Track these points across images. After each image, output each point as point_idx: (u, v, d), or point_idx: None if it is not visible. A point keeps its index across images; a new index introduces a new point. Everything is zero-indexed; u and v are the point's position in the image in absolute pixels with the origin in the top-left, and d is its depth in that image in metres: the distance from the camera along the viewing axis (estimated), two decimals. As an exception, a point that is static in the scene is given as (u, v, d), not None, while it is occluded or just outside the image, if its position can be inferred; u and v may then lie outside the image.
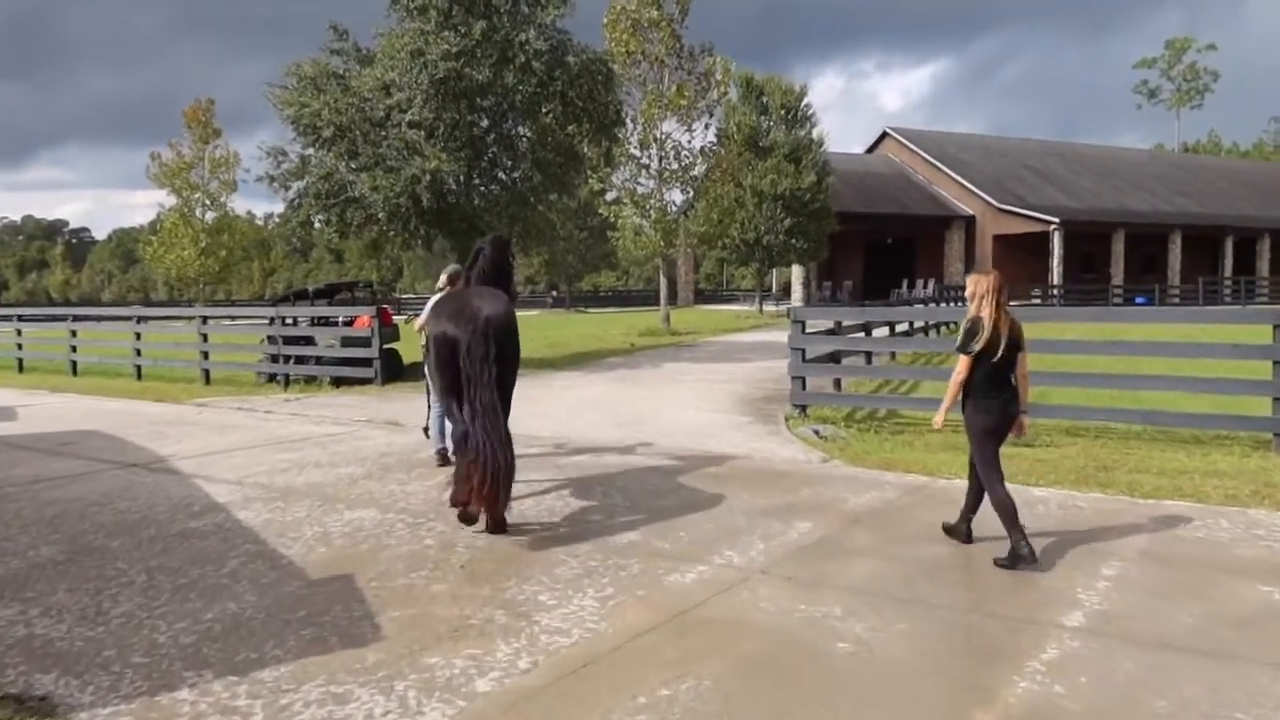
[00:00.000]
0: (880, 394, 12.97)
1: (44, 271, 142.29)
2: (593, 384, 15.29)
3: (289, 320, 17.45)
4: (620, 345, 24.25)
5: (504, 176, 17.88)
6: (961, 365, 5.41)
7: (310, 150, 17.10)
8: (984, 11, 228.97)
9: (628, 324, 32.55)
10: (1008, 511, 5.28)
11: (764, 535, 5.98)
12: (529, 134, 18.13)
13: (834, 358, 12.89)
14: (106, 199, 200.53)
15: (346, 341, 16.42)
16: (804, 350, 11.35)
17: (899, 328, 18.20)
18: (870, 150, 54.35)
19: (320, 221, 17.24)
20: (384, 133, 16.52)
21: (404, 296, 78.24)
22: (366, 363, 15.71)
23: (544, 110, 17.86)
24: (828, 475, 7.89)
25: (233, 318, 24.00)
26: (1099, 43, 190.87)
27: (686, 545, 5.79)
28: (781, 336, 27.15)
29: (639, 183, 27.64)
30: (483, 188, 17.70)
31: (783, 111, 36.40)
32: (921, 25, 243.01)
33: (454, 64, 15.78)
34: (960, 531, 5.74)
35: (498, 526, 6.09)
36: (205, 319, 18.01)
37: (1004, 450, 5.64)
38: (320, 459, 8.87)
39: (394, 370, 17.36)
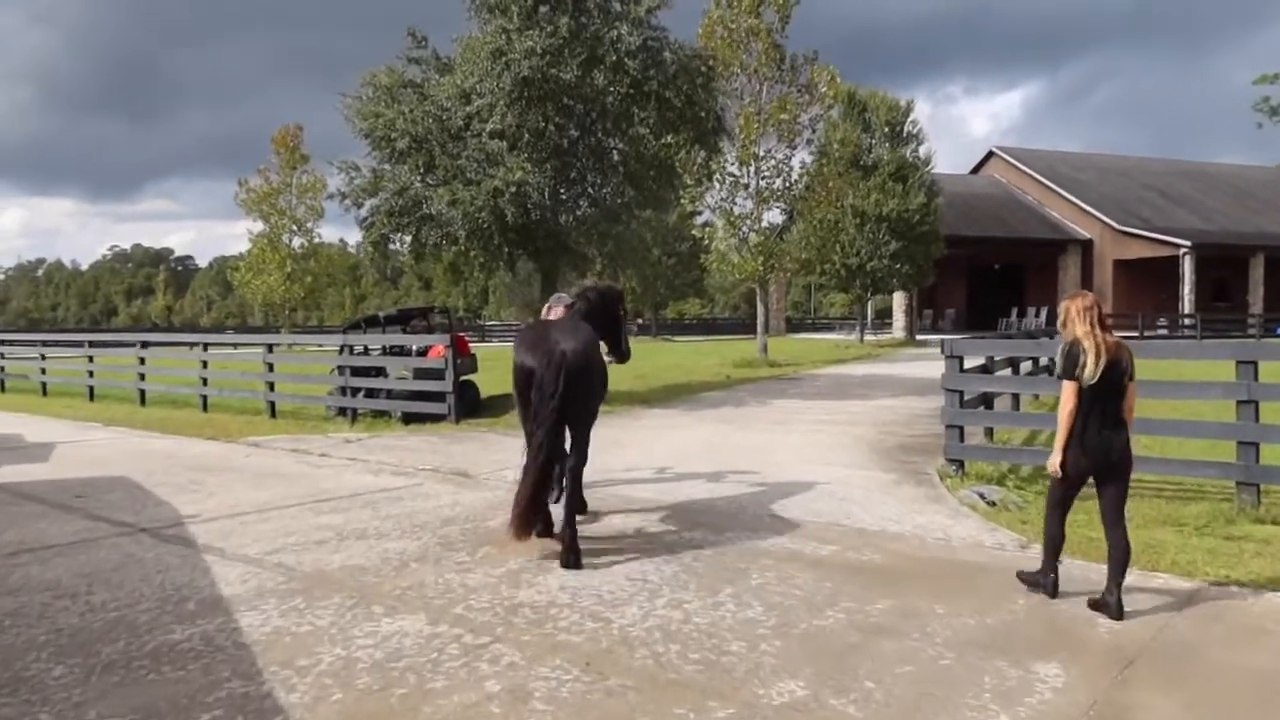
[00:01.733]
0: (1037, 445, 10.72)
1: (149, 298, 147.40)
2: (692, 425, 13.34)
3: (358, 349, 16.00)
4: (715, 378, 22.26)
5: (593, 191, 16.14)
6: (1068, 394, 4.86)
7: (385, 165, 15.64)
8: (1075, 33, 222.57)
9: (720, 354, 30.55)
10: (1052, 543, 5.13)
11: (998, 691, 3.92)
12: (620, 145, 16.38)
13: (987, 401, 10.72)
14: (210, 229, 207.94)
15: (419, 373, 14.84)
16: (962, 393, 9.20)
17: (1043, 362, 15.82)
18: (975, 171, 51.41)
19: (395, 241, 15.74)
20: (463, 144, 14.96)
21: (489, 324, 77.76)
22: (440, 397, 14.07)
23: (637, 116, 16.12)
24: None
25: (303, 345, 22.84)
26: (1197, 63, 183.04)
27: (883, 711, 3.77)
28: (893, 369, 25.01)
29: (735, 202, 25.68)
30: (570, 203, 15.99)
31: (887, 129, 34.09)
32: (1010, 48, 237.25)
33: (539, 62, 14.14)
34: (1046, 584, 5.17)
35: (525, 536, 6.04)
36: (271, 347, 16.65)
37: None
38: (368, 527, 7.09)
39: (471, 405, 15.75)
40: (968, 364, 9.68)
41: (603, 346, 7.01)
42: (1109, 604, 4.84)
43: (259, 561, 6.08)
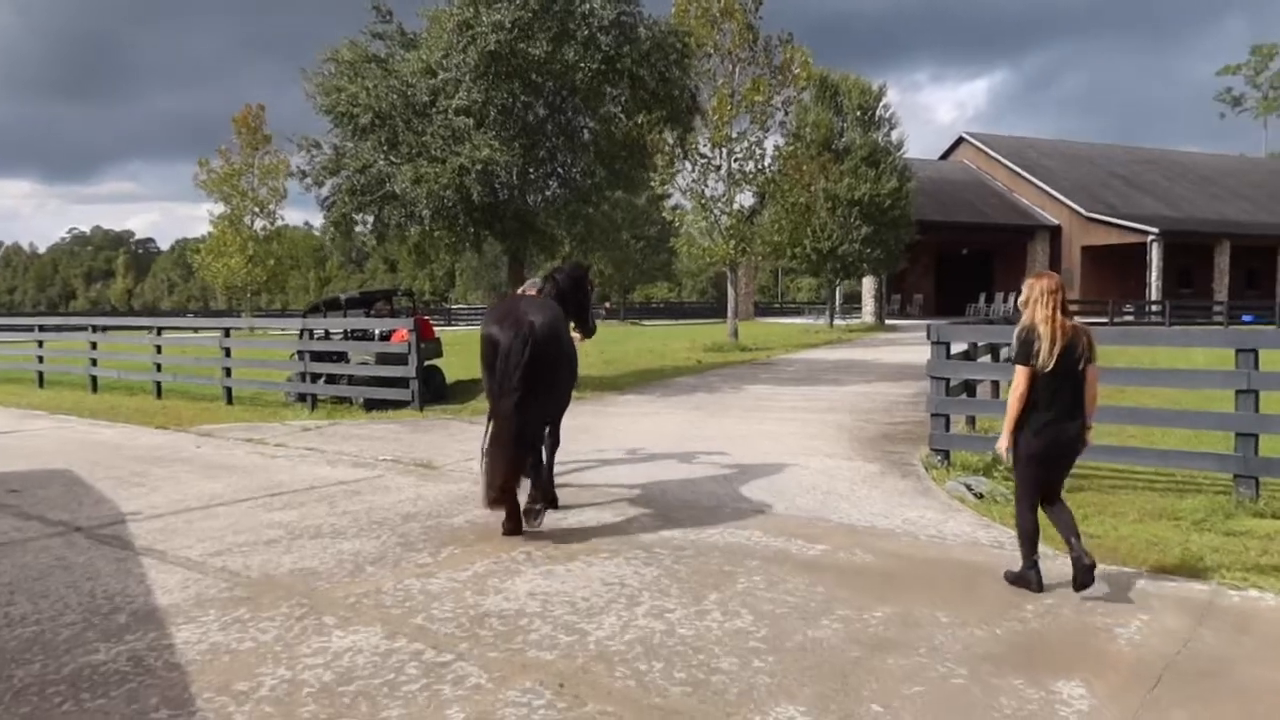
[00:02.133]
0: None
1: (109, 281, 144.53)
2: (664, 412, 12.93)
3: (318, 333, 15.40)
4: (687, 362, 21.89)
5: (563, 171, 15.62)
6: (1020, 379, 4.83)
7: (347, 143, 15.01)
8: (1039, 24, 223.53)
9: (690, 338, 30.16)
10: (1028, 536, 4.98)
11: (1019, 716, 3.53)
12: (591, 123, 15.86)
13: (969, 388, 10.38)
14: (173, 211, 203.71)
15: (381, 358, 14.29)
16: (948, 381, 8.85)
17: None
18: (944, 156, 51.33)
19: (357, 221, 15.12)
20: (428, 120, 14.36)
21: (456, 307, 76.86)
22: (403, 383, 13.54)
23: (609, 94, 15.61)
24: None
25: (264, 329, 22.12)
26: (1157, 54, 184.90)
27: (894, 740, 3.37)
28: (865, 354, 24.75)
29: (707, 185, 25.25)
30: (539, 183, 15.46)
31: (859, 113, 33.77)
32: (976, 37, 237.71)
33: (507, 36, 13.58)
34: (1029, 578, 5.03)
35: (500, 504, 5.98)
36: (228, 332, 16.00)
37: None
38: (323, 524, 6.60)
39: (437, 391, 15.25)
40: (953, 350, 9.32)
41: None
42: (1082, 561, 4.81)
43: (202, 565, 5.58)
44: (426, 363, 15.56)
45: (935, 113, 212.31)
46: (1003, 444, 5.03)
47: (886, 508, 6.99)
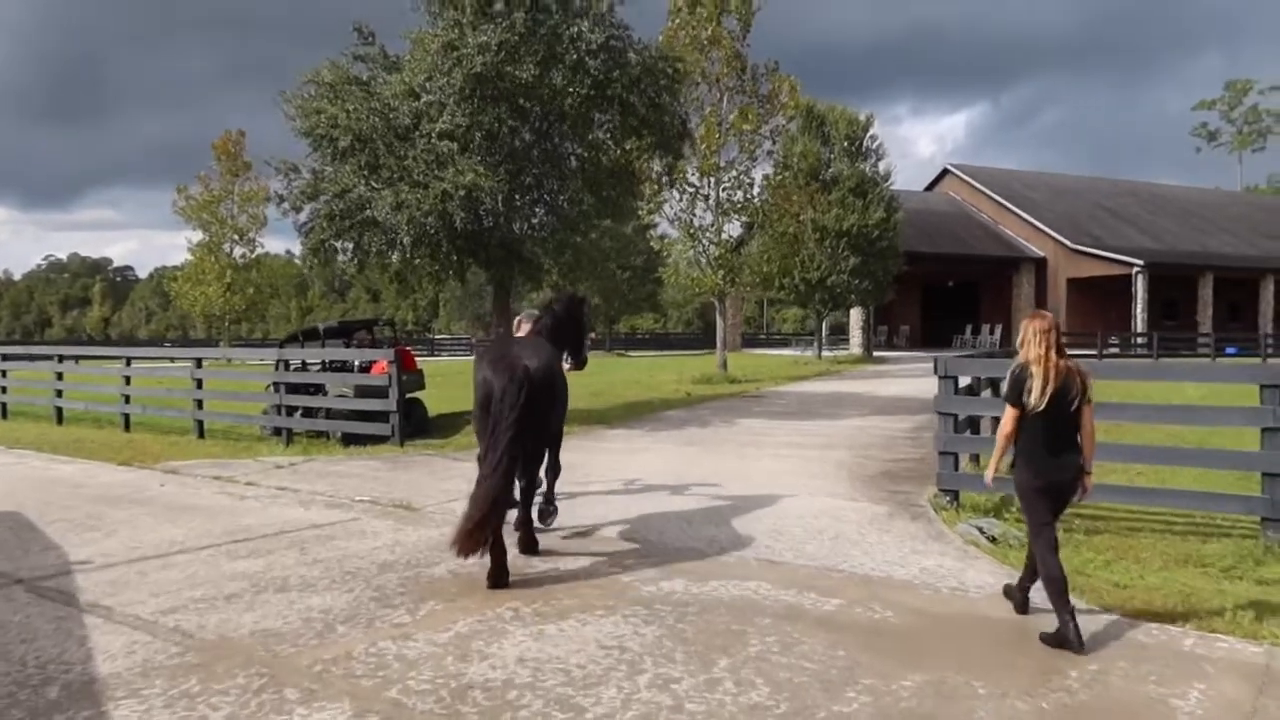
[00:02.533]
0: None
1: (85, 309, 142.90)
2: (656, 447, 12.43)
3: (294, 365, 14.86)
4: (676, 395, 21.41)
5: (550, 198, 15.20)
6: (1007, 418, 4.92)
7: (326, 166, 14.55)
8: (1017, 60, 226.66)
9: (677, 369, 29.71)
10: (1057, 587, 4.72)
11: (1089, 818, 3.05)
12: (579, 150, 15.48)
13: (973, 425, 9.97)
14: (153, 239, 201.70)
15: (361, 391, 13.76)
16: (956, 417, 8.41)
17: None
18: (930, 188, 51.40)
19: (335, 248, 14.61)
20: (410, 144, 13.93)
21: (439, 338, 76.25)
22: (383, 417, 13.01)
23: (598, 120, 15.25)
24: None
25: (241, 359, 21.50)
26: (1133, 89, 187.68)
27: None
28: (856, 387, 24.34)
29: (695, 214, 24.92)
30: (525, 210, 15.03)
31: (846, 143, 33.63)
32: (955, 72, 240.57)
33: (492, 59, 13.19)
34: (1016, 599, 5.24)
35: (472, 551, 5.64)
36: (200, 362, 15.42)
37: None
38: (291, 575, 6.05)
39: (418, 425, 14.73)
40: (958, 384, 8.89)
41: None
42: (1016, 598, 5.18)
43: (152, 625, 5.03)
44: (408, 395, 15.07)
45: (915, 146, 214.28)
46: (988, 475, 5.28)
47: (900, 555, 6.51)
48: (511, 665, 4.37)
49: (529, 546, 6.54)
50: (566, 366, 7.44)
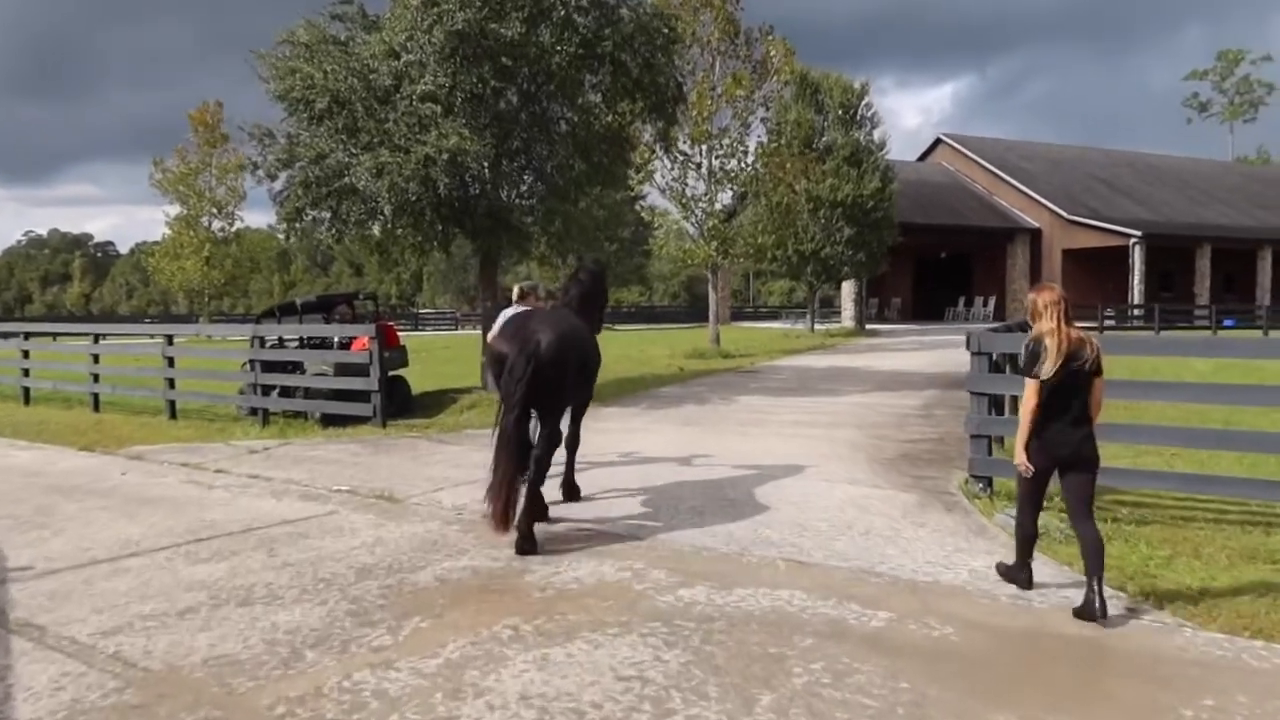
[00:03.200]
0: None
1: (66, 285, 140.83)
2: (654, 428, 11.72)
3: (271, 341, 14.05)
4: (669, 370, 20.70)
5: (538, 164, 14.35)
6: (1030, 392, 4.83)
7: (302, 130, 13.66)
8: (1003, 31, 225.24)
9: (668, 343, 28.99)
10: (1026, 540, 5.12)
11: None
12: (568, 113, 14.63)
13: (997, 405, 9.27)
14: (134, 214, 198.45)
15: (340, 369, 12.98)
16: (990, 397, 7.72)
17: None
18: (923, 158, 50.57)
19: (311, 218, 13.75)
20: (391, 107, 13.07)
21: (423, 311, 75.25)
22: (364, 396, 12.24)
23: (588, 82, 14.40)
24: (1168, 653, 4.25)
25: (222, 336, 20.60)
26: (1119, 61, 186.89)
27: None
28: (854, 361, 23.65)
29: (687, 183, 24.09)
30: (513, 176, 14.20)
31: (840, 111, 32.75)
32: (941, 44, 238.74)
33: (475, 15, 12.32)
34: (1020, 579, 5.16)
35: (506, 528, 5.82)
36: (171, 339, 14.59)
37: None
38: (256, 583, 5.32)
39: (401, 404, 13.98)
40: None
41: None
42: (1091, 604, 4.59)
43: (89, 651, 4.29)
44: (390, 373, 14.32)
45: (901, 118, 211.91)
46: (1020, 459, 4.98)
47: (943, 554, 5.83)
48: (514, 705, 3.66)
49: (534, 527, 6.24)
50: None
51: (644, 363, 21.98)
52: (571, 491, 7.38)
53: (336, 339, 14.07)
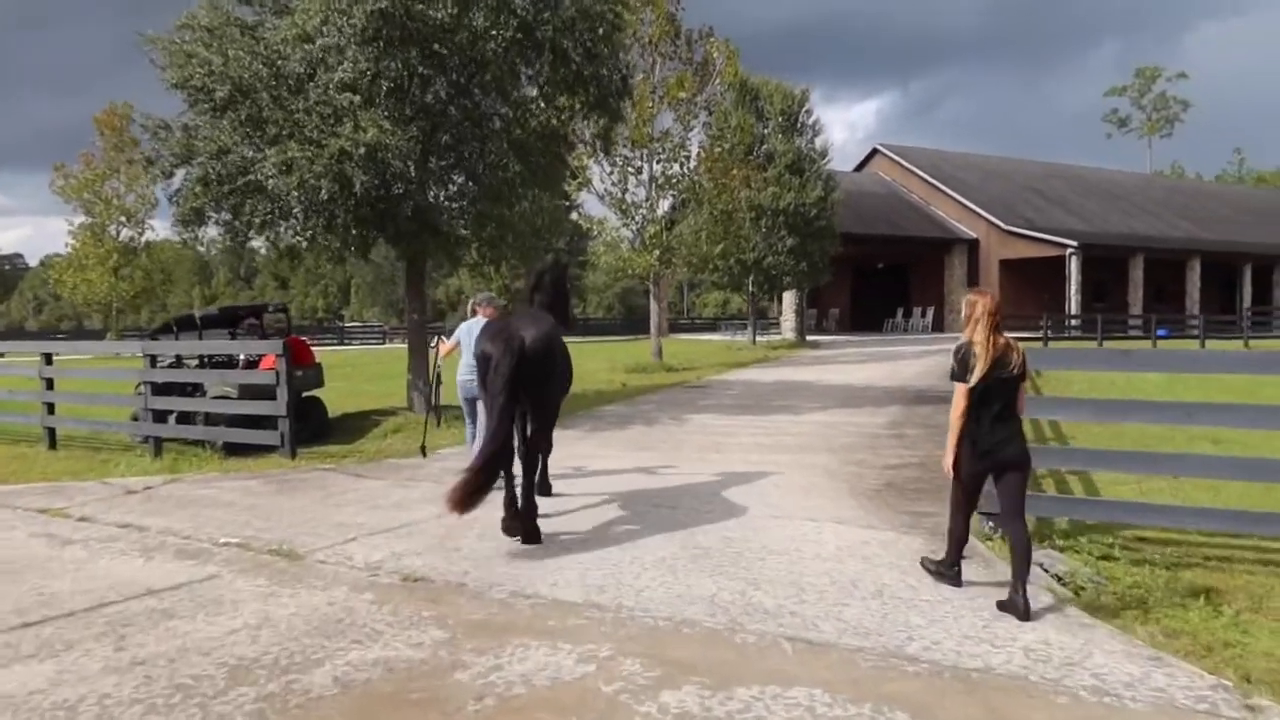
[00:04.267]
0: (1080, 492, 8.35)
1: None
2: (602, 454, 10.48)
3: (166, 361, 12.46)
4: (610, 386, 19.51)
5: (470, 162, 13.01)
6: (959, 396, 4.97)
7: (199, 121, 12.13)
8: (923, 50, 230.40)
9: (606, 357, 27.73)
10: (958, 542, 5.20)
11: None
12: (503, 108, 13.34)
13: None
14: (45, 225, 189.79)
15: (245, 391, 11.47)
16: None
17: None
18: (859, 168, 50.28)
19: (211, 218, 12.21)
20: (304, 96, 11.63)
21: (350, 325, 72.84)
22: (271, 422, 10.76)
23: (524, 74, 13.16)
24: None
25: (125, 355, 18.74)
26: (1036, 79, 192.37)
27: None
28: (803, 375, 22.63)
29: (627, 189, 22.93)
30: (441, 175, 12.85)
31: (781, 118, 31.97)
32: (865, 61, 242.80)
33: (399, -7, 10.99)
34: (1020, 606, 4.78)
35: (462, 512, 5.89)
36: (49, 358, 12.86)
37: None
38: (88, 693, 3.91)
39: (316, 428, 12.56)
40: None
41: None
42: (1016, 603, 4.77)
43: None
44: (304, 394, 12.86)
45: (828, 132, 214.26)
46: (947, 462, 5.11)
47: (979, 622, 4.69)
48: None
49: (514, 530, 6.43)
50: None
51: (582, 378, 20.62)
52: (529, 514, 6.90)
53: (242, 357, 12.56)
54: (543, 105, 13.76)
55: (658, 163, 22.84)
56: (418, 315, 14.11)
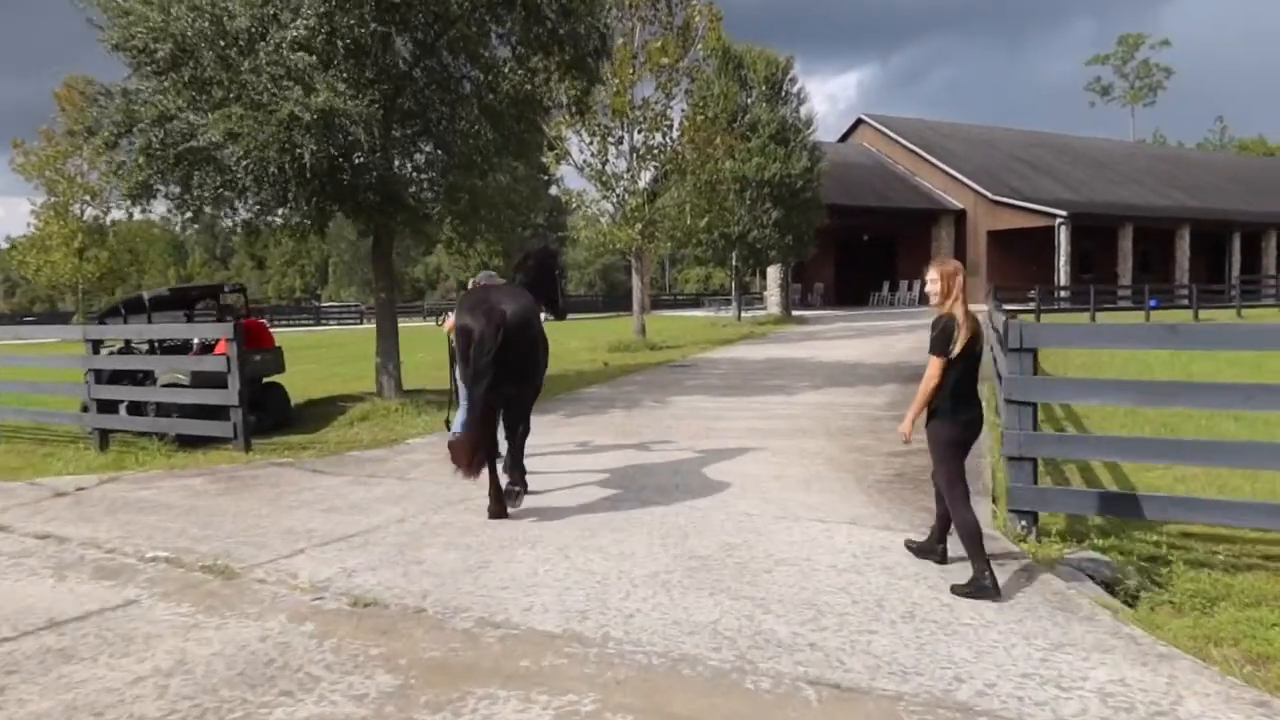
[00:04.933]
0: (1119, 484, 7.61)
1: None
2: (580, 442, 9.68)
3: (114, 345, 11.57)
4: (591, 365, 18.74)
5: (438, 129, 12.08)
6: (936, 370, 4.81)
7: (141, 85, 11.14)
8: (901, 23, 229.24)
9: (587, 335, 26.92)
10: (974, 537, 4.73)
11: None
12: (474, 71, 12.41)
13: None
14: (17, 206, 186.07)
15: (198, 378, 10.59)
16: (1035, 407, 5.86)
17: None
18: (844, 139, 49.36)
19: (160, 193, 11.25)
20: (254, 56, 10.65)
21: (325, 305, 71.64)
22: (225, 412, 9.89)
23: (496, 32, 12.23)
24: None
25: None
26: (1016, 50, 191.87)
27: None
28: (793, 352, 21.75)
29: (608, 160, 22.00)
30: (407, 144, 11.92)
31: (765, 87, 31.02)
32: (845, 34, 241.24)
33: (357, -58, 10.04)
34: (936, 551, 5.18)
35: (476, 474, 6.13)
36: (-14, 344, 11.93)
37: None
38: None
39: (279, 416, 11.75)
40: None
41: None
42: (985, 587, 4.62)
43: None
44: (266, 379, 12.03)
45: (809, 105, 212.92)
46: (906, 426, 4.98)
47: (1035, 654, 3.92)
48: None
49: (498, 513, 6.40)
50: (545, 319, 7.37)
51: (562, 357, 19.85)
52: (510, 496, 6.81)
53: (196, 341, 11.68)
54: (515, 67, 12.83)
55: (639, 132, 21.90)
56: (385, 294, 13.21)
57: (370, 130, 10.70)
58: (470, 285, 8.40)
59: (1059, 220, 37.61)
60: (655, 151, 22.41)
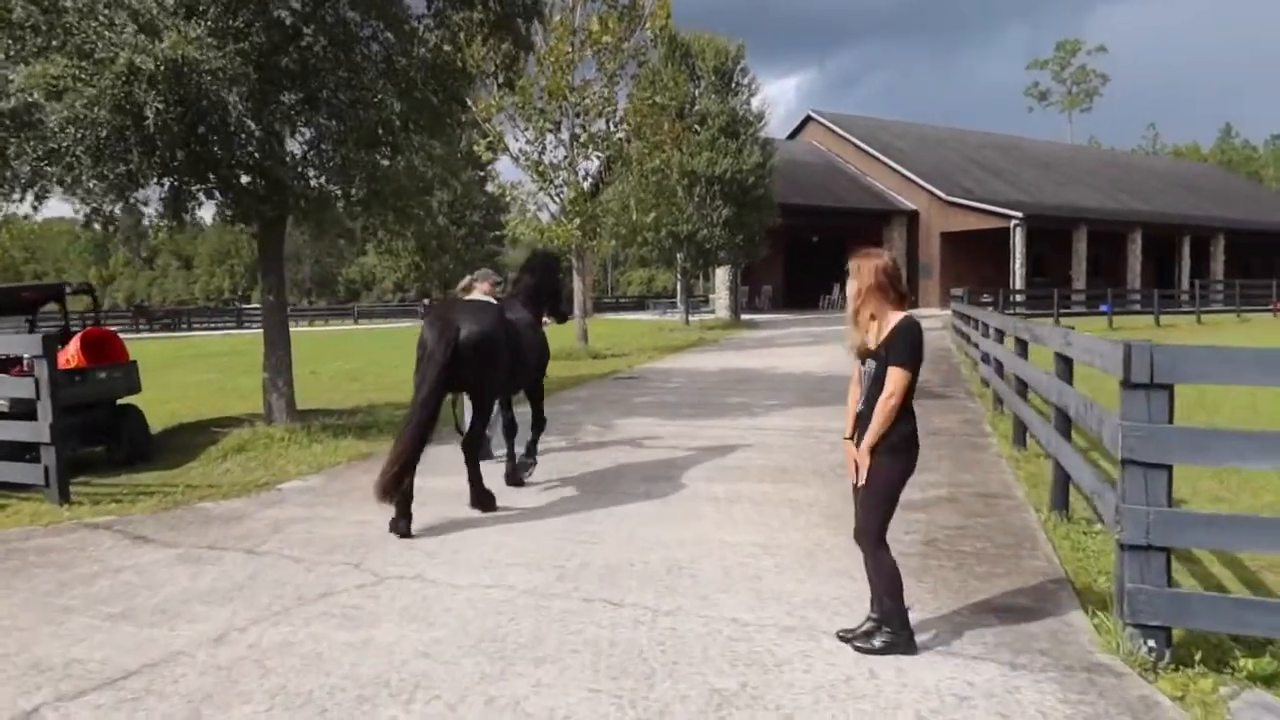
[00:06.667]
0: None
1: None
2: (507, 491, 7.56)
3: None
4: (527, 379, 16.49)
5: (335, 99, 9.86)
6: (905, 386, 3.89)
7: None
8: (837, 28, 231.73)
9: (526, 342, 24.69)
10: (897, 583, 4.00)
11: None
12: (381, 28, 10.21)
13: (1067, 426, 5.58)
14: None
15: (17, 406, 8.26)
16: (1168, 473, 3.89)
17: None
18: (792, 136, 47.80)
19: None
20: (88, -2, 8.33)
21: (249, 308, 68.16)
22: (34, 451, 7.59)
23: (406, -20, 10.08)
24: None
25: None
26: (951, 56, 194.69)
27: None
28: (748, 361, 19.66)
29: (545, 148, 19.87)
30: (295, 113, 9.66)
31: (715, 77, 29.18)
32: (781, 39, 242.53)
33: None
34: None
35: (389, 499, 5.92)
36: None
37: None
38: None
39: (133, 448, 9.48)
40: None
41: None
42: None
43: None
44: (120, 401, 9.75)
45: (760, 95, 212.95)
46: (864, 460, 3.97)
47: None
48: None
49: (481, 501, 6.63)
50: (548, 323, 8.08)
51: (496, 369, 17.68)
52: (522, 468, 7.69)
53: (26, 356, 9.30)
54: (432, 25, 10.69)
55: (579, 117, 19.81)
56: (274, 296, 10.94)
57: (244, 96, 8.46)
58: (464, 283, 8.55)
59: (1014, 222, 36.44)
60: (597, 139, 20.32)
